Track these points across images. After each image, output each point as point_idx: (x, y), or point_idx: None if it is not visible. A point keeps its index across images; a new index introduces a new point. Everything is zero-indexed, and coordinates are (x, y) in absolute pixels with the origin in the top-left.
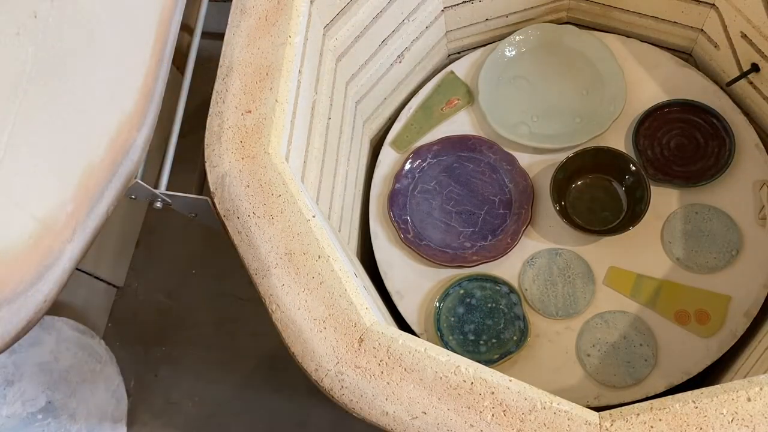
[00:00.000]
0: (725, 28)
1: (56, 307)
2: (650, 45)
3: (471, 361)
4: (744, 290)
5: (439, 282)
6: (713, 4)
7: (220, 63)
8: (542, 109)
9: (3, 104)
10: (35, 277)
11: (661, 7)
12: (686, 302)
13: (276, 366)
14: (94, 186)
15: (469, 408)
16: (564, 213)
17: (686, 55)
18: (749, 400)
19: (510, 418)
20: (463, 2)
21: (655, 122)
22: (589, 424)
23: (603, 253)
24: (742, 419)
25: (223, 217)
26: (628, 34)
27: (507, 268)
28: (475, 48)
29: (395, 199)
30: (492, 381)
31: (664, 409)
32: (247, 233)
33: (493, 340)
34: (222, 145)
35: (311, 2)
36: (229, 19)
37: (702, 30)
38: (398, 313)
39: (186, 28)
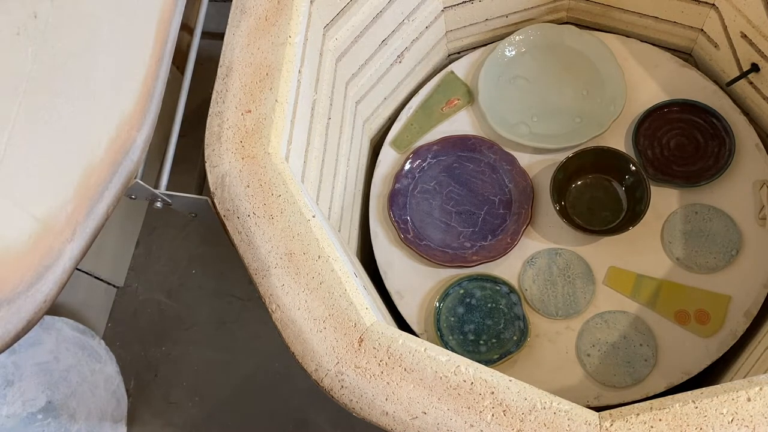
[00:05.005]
0: (725, 28)
1: (56, 307)
2: (650, 45)
3: (471, 361)
4: (744, 290)
5: (439, 282)
6: (713, 4)
7: (220, 63)
8: (542, 109)
9: (3, 104)
10: (35, 276)
11: (661, 7)
12: (686, 302)
13: (276, 366)
14: (94, 186)
15: (469, 408)
16: (564, 213)
17: (686, 55)
18: (749, 400)
19: (510, 418)
20: (463, 2)
21: (655, 122)
22: (589, 424)
23: (603, 253)
24: (742, 419)
25: (223, 217)
26: (628, 34)
27: (507, 268)
28: (475, 48)
29: (395, 199)
30: (492, 381)
31: (664, 409)
32: (247, 233)
33: (493, 340)
34: (222, 145)
35: (311, 2)
36: (229, 19)
37: (702, 30)
38: (398, 313)
39: (186, 28)
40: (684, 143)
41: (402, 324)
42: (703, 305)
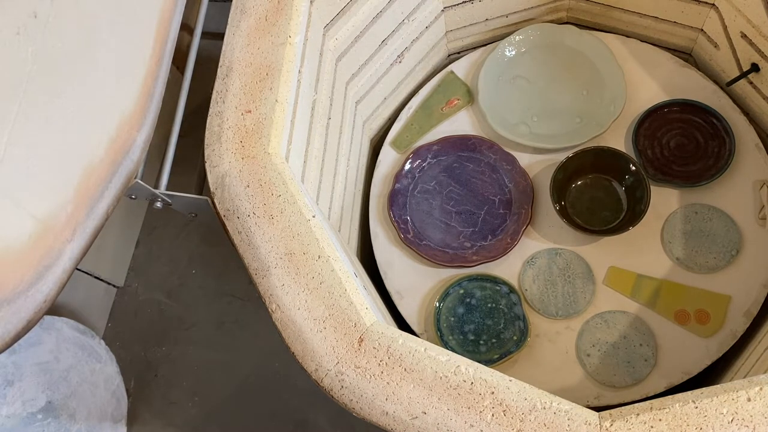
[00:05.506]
0: (725, 28)
1: (56, 307)
2: (650, 45)
3: (471, 361)
4: (744, 290)
5: (439, 282)
6: (713, 4)
7: (220, 63)
8: (542, 109)
9: (3, 104)
10: (35, 277)
11: (661, 7)
12: (686, 302)
13: (276, 366)
14: (94, 186)
15: (469, 408)
16: (564, 213)
17: (686, 55)
18: (749, 400)
19: (510, 418)
20: (463, 2)
21: (655, 122)
22: (589, 424)
23: (603, 253)
24: (742, 419)
25: (223, 217)
26: (628, 34)
27: (507, 268)
28: (475, 48)
29: (395, 199)
30: (492, 381)
31: (664, 409)
32: (247, 233)
33: (493, 340)
34: (222, 145)
35: (311, 2)
36: (229, 19)
37: (702, 30)
38: (398, 313)
39: (186, 28)
40: (684, 143)
41: (402, 324)
42: (703, 305)
